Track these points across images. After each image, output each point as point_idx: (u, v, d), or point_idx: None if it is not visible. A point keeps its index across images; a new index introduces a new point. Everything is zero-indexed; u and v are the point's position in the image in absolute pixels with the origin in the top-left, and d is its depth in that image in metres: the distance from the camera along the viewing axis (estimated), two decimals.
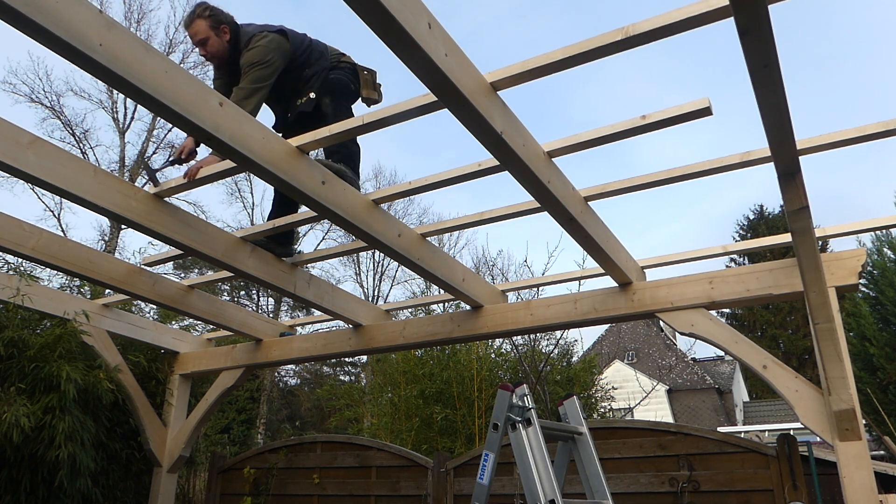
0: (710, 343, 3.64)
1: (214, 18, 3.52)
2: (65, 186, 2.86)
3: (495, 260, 21.15)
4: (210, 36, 3.51)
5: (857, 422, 3.10)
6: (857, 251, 3.40)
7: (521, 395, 3.35)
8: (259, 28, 3.53)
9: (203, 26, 3.50)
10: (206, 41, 3.52)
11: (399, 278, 26.32)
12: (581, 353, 14.19)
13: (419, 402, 8.49)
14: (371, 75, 3.79)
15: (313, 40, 3.72)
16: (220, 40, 3.53)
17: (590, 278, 4.35)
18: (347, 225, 3.17)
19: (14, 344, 4.71)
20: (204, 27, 3.50)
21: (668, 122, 2.61)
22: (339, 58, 3.77)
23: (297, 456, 6.33)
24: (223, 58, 3.57)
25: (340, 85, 3.68)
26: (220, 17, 3.54)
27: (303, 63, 3.61)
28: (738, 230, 38.08)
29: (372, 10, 1.85)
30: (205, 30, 3.50)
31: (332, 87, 3.65)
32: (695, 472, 4.61)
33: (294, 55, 3.56)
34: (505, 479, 5.12)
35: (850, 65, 56.37)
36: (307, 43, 3.66)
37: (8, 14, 1.87)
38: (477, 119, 2.34)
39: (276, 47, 3.44)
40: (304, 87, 3.62)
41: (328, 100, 3.61)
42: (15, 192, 25.64)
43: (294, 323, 5.53)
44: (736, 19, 1.73)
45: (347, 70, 3.74)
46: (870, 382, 11.81)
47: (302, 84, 3.63)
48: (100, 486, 5.20)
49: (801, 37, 48.38)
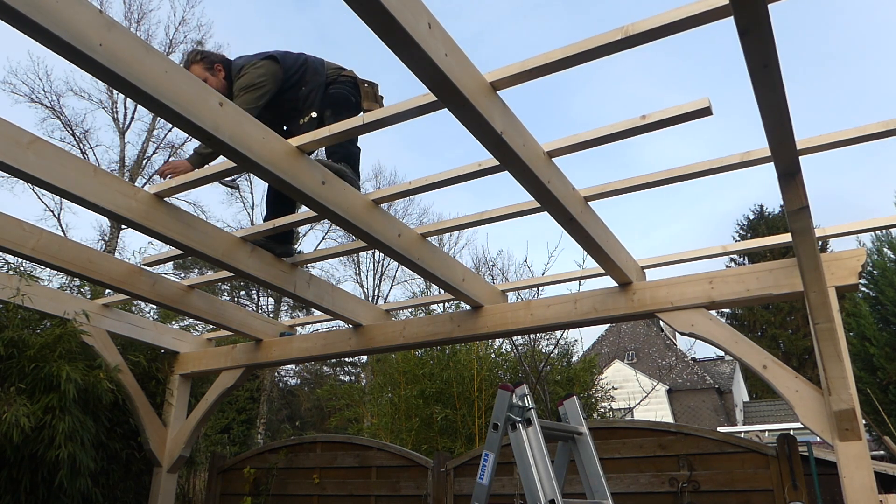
0: (710, 343, 3.64)
1: (207, 60, 3.67)
2: (65, 186, 2.86)
3: (495, 260, 21.17)
4: (207, 77, 3.60)
5: (857, 422, 3.10)
6: (857, 251, 3.40)
7: (521, 395, 3.35)
8: (249, 58, 3.65)
9: (199, 70, 3.63)
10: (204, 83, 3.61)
11: (399, 278, 26.34)
12: (581, 353, 14.19)
13: (419, 402, 8.50)
14: (372, 88, 3.82)
15: (309, 57, 3.79)
16: (217, 79, 3.65)
17: (590, 278, 4.35)
18: (347, 225, 3.17)
19: (14, 344, 4.71)
20: (200, 71, 3.63)
21: (667, 122, 2.61)
22: (338, 72, 3.82)
23: (297, 456, 6.33)
24: (224, 94, 3.62)
25: (341, 98, 3.73)
26: (211, 57, 3.70)
27: (297, 82, 3.69)
28: (738, 230, 38.12)
29: (372, 10, 1.85)
30: (201, 73, 3.61)
31: (332, 100, 3.71)
32: (695, 472, 4.61)
33: (287, 76, 3.65)
34: (505, 479, 5.12)
35: (851, 65, 56.42)
36: (301, 62, 3.73)
37: (8, 14, 1.87)
38: (477, 119, 2.34)
39: (265, 72, 3.56)
40: (304, 106, 3.69)
41: (329, 112, 3.66)
42: (15, 192, 25.67)
43: (294, 323, 5.53)
44: (736, 19, 1.72)
45: (348, 84, 3.79)
46: (870, 382, 11.82)
47: (300, 102, 3.70)
48: (100, 486, 5.20)
49: (802, 37, 48.40)
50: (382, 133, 3.16)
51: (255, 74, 3.54)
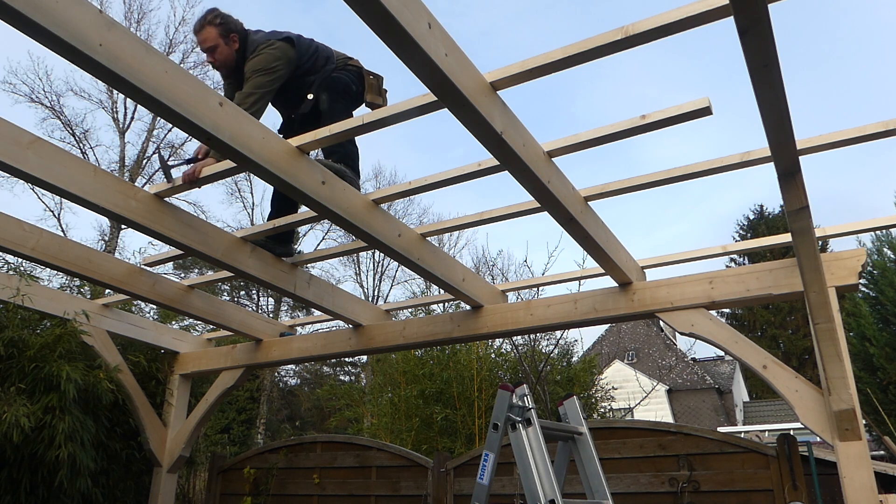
0: (710, 343, 3.64)
1: (225, 27, 3.47)
2: (65, 186, 2.86)
3: (495, 260, 21.12)
4: (219, 44, 3.46)
5: (857, 422, 3.10)
6: (857, 251, 3.40)
7: (521, 395, 3.35)
8: (267, 36, 3.50)
9: (213, 34, 3.45)
10: (214, 49, 3.48)
11: (399, 278, 26.34)
12: (581, 353, 14.19)
13: (419, 402, 8.50)
14: (377, 80, 3.77)
15: (320, 45, 3.70)
16: (230, 49, 3.49)
17: (590, 278, 4.35)
18: (347, 225, 3.17)
19: (14, 344, 4.71)
20: (214, 35, 3.45)
21: (667, 122, 2.61)
22: (345, 61, 3.76)
23: (297, 456, 6.33)
24: (231, 66, 3.54)
25: (340, 83, 3.66)
26: (230, 25, 3.49)
27: (309, 69, 3.60)
28: (738, 230, 38.14)
29: (372, 11, 1.85)
30: (214, 37, 3.45)
31: (330, 84, 3.64)
32: (695, 472, 4.61)
33: (299, 62, 3.54)
34: (505, 479, 5.12)
35: (852, 65, 56.40)
36: (313, 49, 3.63)
37: (8, 14, 1.87)
38: (477, 119, 2.34)
39: (281, 55, 3.41)
40: (308, 92, 3.62)
41: (324, 96, 3.59)
42: (15, 192, 25.74)
43: (294, 323, 5.53)
44: (736, 19, 1.73)
45: (352, 72, 3.73)
46: (870, 382, 11.81)
47: (306, 89, 3.63)
48: (100, 486, 5.20)
49: (802, 37, 48.41)
50: (383, 133, 3.15)
51: (271, 57, 3.37)
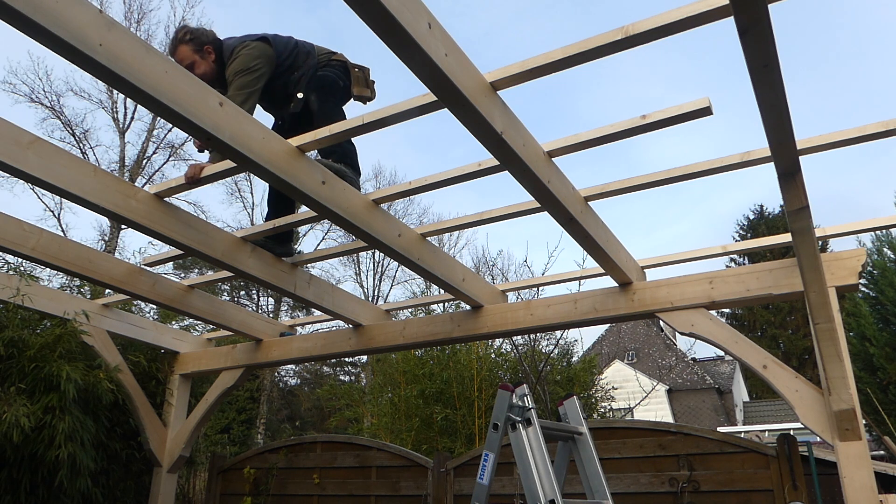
0: (710, 343, 3.64)
1: (196, 41, 3.50)
2: (65, 186, 2.86)
3: (495, 260, 21.14)
4: (196, 60, 3.49)
5: (857, 422, 3.10)
6: (857, 251, 3.40)
7: (521, 395, 3.35)
8: (241, 39, 3.53)
9: (187, 51, 3.48)
10: (192, 66, 3.48)
11: (399, 278, 26.35)
12: (581, 353, 14.19)
13: (419, 402, 8.50)
14: (363, 72, 3.76)
15: (299, 42, 3.70)
16: (207, 62, 3.52)
17: (590, 278, 4.35)
18: (347, 225, 3.17)
19: (14, 344, 4.71)
20: (188, 52, 3.48)
21: (667, 122, 2.61)
22: (329, 56, 3.74)
23: (297, 456, 6.33)
24: (213, 78, 3.53)
25: (327, 81, 3.66)
26: (201, 38, 3.52)
27: (290, 67, 3.60)
28: (738, 230, 38.14)
29: (372, 10, 1.85)
30: (189, 55, 3.48)
31: (318, 83, 3.64)
32: (695, 472, 4.61)
33: (280, 60, 3.55)
34: (505, 479, 5.12)
35: (852, 65, 56.41)
36: (292, 46, 3.63)
37: (8, 14, 1.87)
38: (477, 119, 2.34)
39: (259, 54, 3.43)
40: (295, 91, 3.61)
41: (314, 96, 3.59)
42: (15, 192, 25.76)
43: (294, 323, 5.53)
44: (736, 19, 1.72)
45: (337, 67, 3.72)
46: (870, 382, 11.81)
47: (292, 88, 3.62)
48: (100, 486, 5.20)
49: (802, 37, 48.38)
50: (383, 133, 3.14)
51: (249, 57, 3.39)
